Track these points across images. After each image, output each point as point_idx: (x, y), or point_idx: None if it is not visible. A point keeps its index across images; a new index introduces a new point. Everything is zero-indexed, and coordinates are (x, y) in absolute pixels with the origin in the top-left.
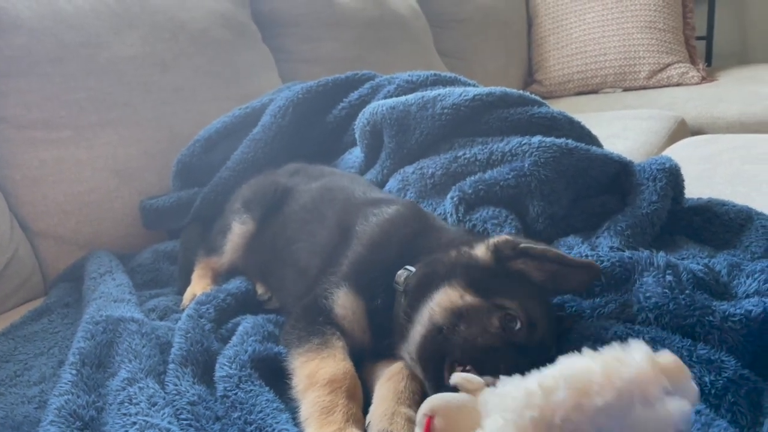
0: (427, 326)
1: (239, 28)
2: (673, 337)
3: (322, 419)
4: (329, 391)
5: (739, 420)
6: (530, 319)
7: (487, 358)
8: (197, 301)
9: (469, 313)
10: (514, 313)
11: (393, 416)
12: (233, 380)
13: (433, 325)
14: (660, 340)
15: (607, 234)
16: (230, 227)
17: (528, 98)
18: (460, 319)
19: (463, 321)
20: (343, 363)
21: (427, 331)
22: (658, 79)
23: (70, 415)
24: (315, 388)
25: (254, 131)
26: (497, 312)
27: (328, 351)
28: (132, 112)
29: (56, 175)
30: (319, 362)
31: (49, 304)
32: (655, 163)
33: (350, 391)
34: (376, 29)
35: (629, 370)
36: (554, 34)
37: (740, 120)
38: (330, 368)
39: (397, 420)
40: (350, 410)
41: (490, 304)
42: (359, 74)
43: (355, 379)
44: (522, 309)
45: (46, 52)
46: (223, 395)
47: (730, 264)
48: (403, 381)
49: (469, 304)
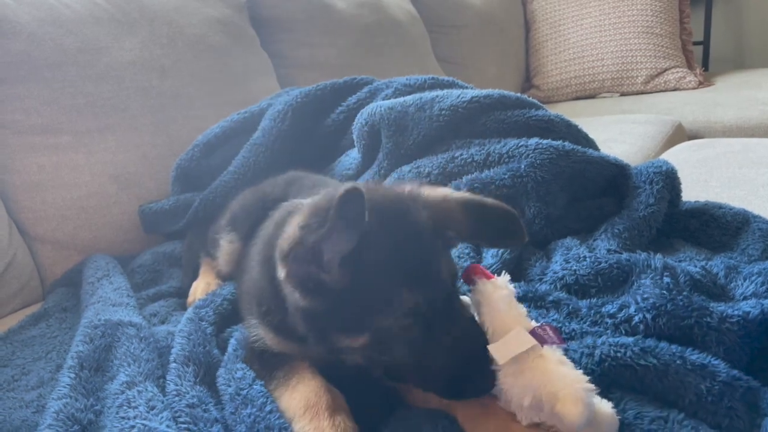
0: (356, 359)
1: (237, 34)
2: (661, 346)
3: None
4: (309, 419)
5: (736, 424)
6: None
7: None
8: (196, 305)
9: (375, 347)
10: (408, 321)
11: None
12: (247, 380)
13: (361, 358)
14: (650, 350)
15: (605, 236)
16: (219, 243)
17: (525, 101)
18: (373, 353)
19: (378, 353)
20: (312, 382)
21: (364, 360)
22: (656, 83)
23: (68, 418)
24: (296, 420)
25: (255, 136)
26: (392, 329)
27: (296, 378)
28: (131, 118)
29: (55, 181)
30: (291, 393)
31: (47, 309)
32: (652, 166)
33: (331, 407)
34: (373, 35)
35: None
36: (552, 39)
37: (737, 124)
38: (301, 394)
39: None
40: (338, 427)
41: (376, 330)
42: (357, 79)
43: (330, 392)
44: (411, 308)
45: (45, 58)
46: (235, 393)
47: (727, 266)
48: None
49: (365, 343)
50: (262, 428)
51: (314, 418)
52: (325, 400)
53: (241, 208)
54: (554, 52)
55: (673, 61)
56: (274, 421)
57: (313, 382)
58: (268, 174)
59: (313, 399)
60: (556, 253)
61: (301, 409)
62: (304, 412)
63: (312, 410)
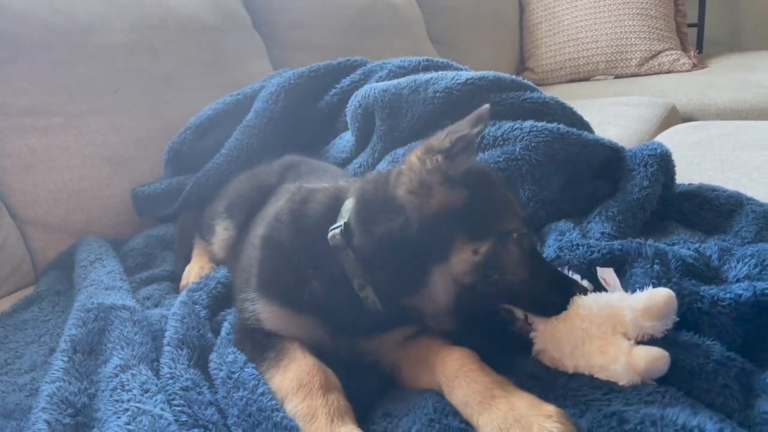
0: (456, 289)
1: (229, 15)
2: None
3: (308, 428)
4: (303, 398)
5: (730, 403)
6: (528, 224)
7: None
8: (189, 288)
9: (492, 260)
10: (521, 231)
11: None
12: (239, 363)
13: (464, 285)
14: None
15: (599, 219)
16: (215, 230)
17: (520, 83)
18: (486, 269)
19: (490, 270)
20: (305, 361)
21: (457, 292)
22: (650, 66)
23: (62, 402)
24: (288, 398)
25: (247, 118)
26: (509, 239)
27: (287, 358)
28: (122, 99)
29: (46, 163)
30: (283, 373)
31: (40, 293)
32: (647, 148)
33: (324, 386)
34: (367, 16)
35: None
36: (546, 21)
37: (731, 107)
38: (293, 373)
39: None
40: (332, 407)
41: (499, 236)
42: (351, 60)
43: (323, 371)
44: (522, 222)
45: (33, 38)
46: (227, 377)
47: (720, 249)
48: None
49: (486, 252)
50: (254, 410)
51: (307, 397)
52: (318, 378)
53: (238, 194)
54: (549, 34)
55: (667, 44)
56: (266, 402)
57: (305, 361)
58: (261, 156)
59: (306, 378)
60: (550, 237)
61: (293, 388)
62: (297, 391)
63: (305, 389)
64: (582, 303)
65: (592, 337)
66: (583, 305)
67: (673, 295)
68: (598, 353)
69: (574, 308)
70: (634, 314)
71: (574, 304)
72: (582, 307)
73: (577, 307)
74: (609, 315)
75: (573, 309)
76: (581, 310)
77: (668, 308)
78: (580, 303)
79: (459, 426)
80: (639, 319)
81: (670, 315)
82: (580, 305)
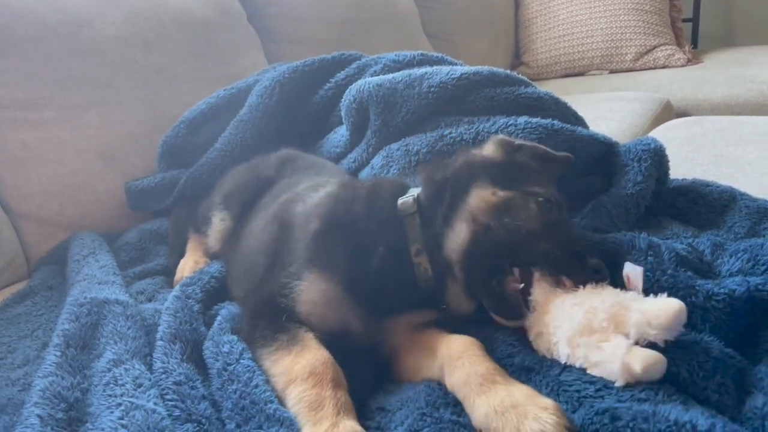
0: (473, 227)
1: (224, 8)
2: None
3: (312, 415)
4: (313, 384)
5: (725, 400)
6: (558, 198)
7: (547, 260)
8: (183, 283)
9: (509, 205)
10: (547, 196)
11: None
12: (234, 355)
13: (479, 223)
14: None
15: (592, 214)
16: (211, 221)
17: (515, 78)
18: (502, 212)
19: (506, 214)
20: (320, 352)
21: (473, 231)
22: (645, 61)
23: (55, 396)
24: (297, 383)
25: (241, 112)
26: (531, 198)
27: (300, 345)
28: (115, 93)
29: (39, 157)
30: (294, 357)
31: (33, 287)
32: (641, 144)
33: (334, 380)
34: (362, 10)
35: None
36: (541, 15)
37: (725, 102)
38: (307, 360)
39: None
40: (339, 400)
41: (522, 192)
42: (346, 54)
43: (336, 366)
44: (549, 191)
45: (25, 31)
46: (222, 368)
47: (713, 244)
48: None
49: (505, 197)
50: (247, 403)
51: (317, 385)
52: (331, 372)
53: (235, 186)
54: (544, 29)
55: (662, 39)
56: (259, 395)
57: (320, 352)
58: (255, 151)
59: (320, 368)
60: None
61: (305, 374)
62: (308, 377)
63: (316, 377)
64: (591, 292)
65: (593, 329)
66: (591, 295)
67: (684, 308)
68: (594, 347)
69: (583, 295)
70: (642, 319)
71: (584, 292)
72: (590, 296)
73: (585, 295)
74: (616, 312)
75: (581, 295)
76: (589, 299)
77: (678, 320)
78: (589, 292)
79: (451, 418)
80: (645, 325)
81: (678, 328)
82: (590, 294)
